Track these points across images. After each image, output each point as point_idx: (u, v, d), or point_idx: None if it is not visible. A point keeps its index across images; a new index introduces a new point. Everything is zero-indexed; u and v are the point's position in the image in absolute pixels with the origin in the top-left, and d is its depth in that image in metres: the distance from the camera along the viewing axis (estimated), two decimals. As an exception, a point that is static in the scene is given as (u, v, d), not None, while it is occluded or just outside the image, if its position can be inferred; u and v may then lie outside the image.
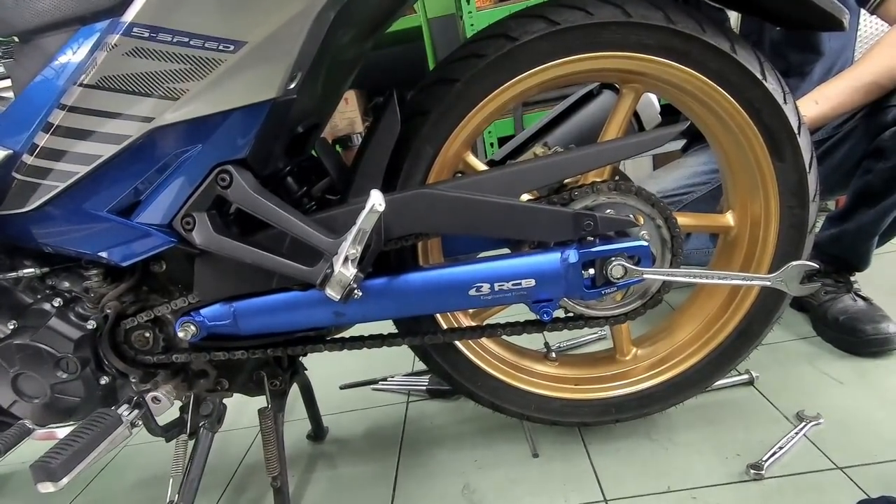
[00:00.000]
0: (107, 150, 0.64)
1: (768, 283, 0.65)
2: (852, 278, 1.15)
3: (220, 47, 0.59)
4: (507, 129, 2.02)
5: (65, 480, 0.62)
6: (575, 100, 1.03)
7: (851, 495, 0.73)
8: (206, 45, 0.59)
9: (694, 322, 0.90)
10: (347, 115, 2.13)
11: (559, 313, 0.78)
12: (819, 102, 1.00)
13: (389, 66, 2.11)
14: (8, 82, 0.72)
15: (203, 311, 0.76)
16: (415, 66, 2.27)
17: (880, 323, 1.02)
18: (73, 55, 0.63)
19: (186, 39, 0.58)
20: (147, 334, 0.78)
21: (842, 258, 1.13)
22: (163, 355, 0.78)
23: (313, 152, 0.87)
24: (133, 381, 0.79)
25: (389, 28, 0.93)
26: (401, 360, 1.32)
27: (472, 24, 1.91)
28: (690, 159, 1.32)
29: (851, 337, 1.04)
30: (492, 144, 2.06)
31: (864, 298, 1.11)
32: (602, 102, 1.01)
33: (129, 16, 0.58)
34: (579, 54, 0.72)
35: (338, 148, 2.03)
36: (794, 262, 0.64)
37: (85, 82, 0.61)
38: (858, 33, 1.31)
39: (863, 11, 1.08)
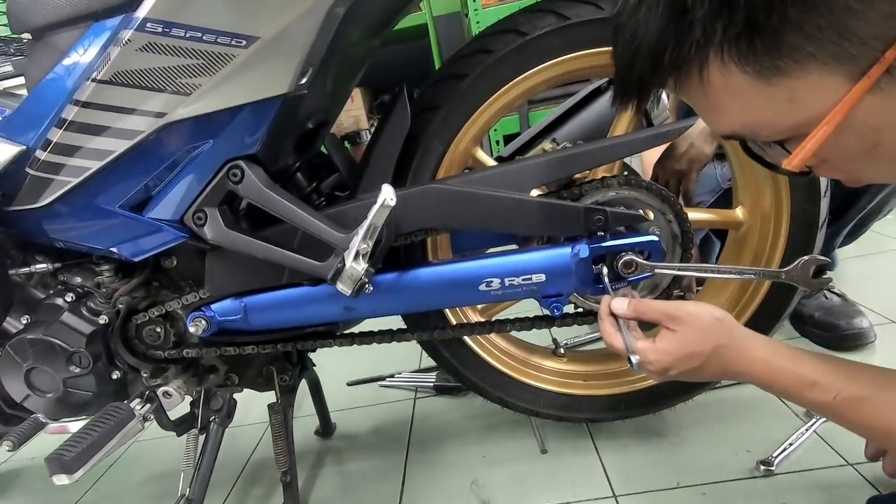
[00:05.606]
0: (119, 146, 0.65)
1: (781, 278, 0.64)
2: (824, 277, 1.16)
3: (233, 42, 0.59)
4: (512, 127, 2.02)
5: (80, 473, 0.63)
6: (583, 96, 1.03)
7: (863, 492, 0.73)
8: (219, 40, 0.59)
9: (703, 318, 0.90)
10: (353, 113, 2.13)
11: (569, 309, 0.78)
12: None
13: (394, 64, 2.10)
14: (21, 80, 0.73)
15: (214, 307, 0.76)
16: (420, 63, 2.27)
17: (854, 318, 1.05)
18: (86, 51, 0.63)
19: (199, 34, 0.59)
20: (158, 329, 0.78)
21: None
22: (174, 350, 0.79)
23: (323, 149, 0.87)
24: (144, 375, 0.80)
25: (396, 25, 0.94)
26: (408, 357, 1.32)
27: (477, 22, 1.91)
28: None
29: (827, 332, 1.06)
30: (497, 142, 2.06)
31: (838, 295, 1.13)
32: (610, 98, 1.01)
33: (143, 11, 0.58)
34: (590, 49, 0.72)
35: (346, 144, 2.03)
36: (806, 257, 0.64)
37: (98, 78, 0.61)
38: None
39: None
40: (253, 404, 1.24)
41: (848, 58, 0.34)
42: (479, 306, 0.94)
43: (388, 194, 0.61)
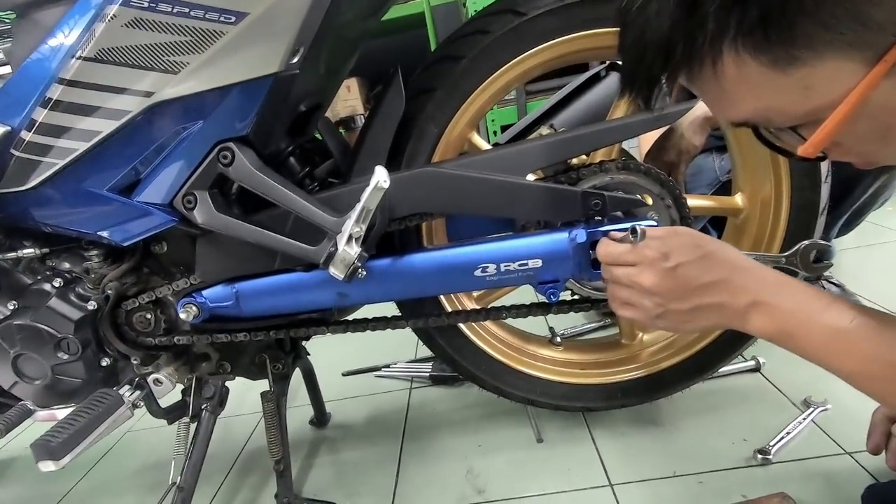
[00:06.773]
0: (106, 126, 0.63)
1: (782, 263, 0.63)
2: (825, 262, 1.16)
3: (222, 18, 0.58)
4: (510, 117, 2.00)
5: (66, 459, 0.62)
6: (581, 82, 1.01)
7: (860, 480, 0.72)
8: (207, 15, 0.57)
9: (701, 306, 0.89)
10: (350, 104, 2.11)
11: (566, 296, 0.77)
12: None
13: (391, 54, 2.08)
14: (9, 68, 0.71)
15: (205, 293, 0.75)
16: (417, 54, 2.24)
17: None
18: (72, 27, 0.61)
19: (187, 10, 0.57)
20: (148, 316, 0.77)
21: None
22: (164, 337, 0.78)
23: (317, 134, 0.86)
24: (134, 362, 0.78)
25: (392, 11, 0.92)
26: (404, 347, 1.31)
27: (475, 11, 1.89)
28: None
29: None
30: (495, 133, 2.04)
31: (836, 285, 1.12)
32: (609, 85, 0.99)
33: (128, -15, 0.56)
34: (589, 30, 0.70)
35: (341, 130, 2.01)
36: (807, 241, 0.63)
37: (83, 55, 0.59)
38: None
39: None
40: (249, 393, 1.23)
41: (864, 44, 0.34)
42: (475, 294, 0.93)
43: (381, 176, 0.60)
